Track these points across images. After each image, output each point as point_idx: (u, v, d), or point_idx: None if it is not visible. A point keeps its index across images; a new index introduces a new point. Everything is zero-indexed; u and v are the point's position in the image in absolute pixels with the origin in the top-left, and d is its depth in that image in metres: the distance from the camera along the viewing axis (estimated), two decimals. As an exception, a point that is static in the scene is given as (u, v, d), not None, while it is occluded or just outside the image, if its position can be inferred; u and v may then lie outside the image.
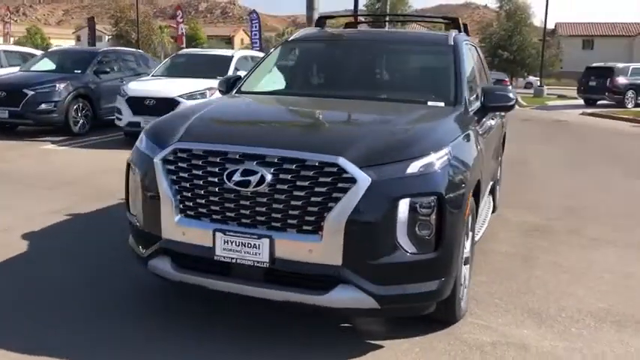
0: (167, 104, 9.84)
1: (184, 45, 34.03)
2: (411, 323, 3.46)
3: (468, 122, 3.80)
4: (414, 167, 2.98)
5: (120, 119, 10.36)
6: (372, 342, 3.34)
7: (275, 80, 4.77)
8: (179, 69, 11.43)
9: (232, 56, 11.55)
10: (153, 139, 3.44)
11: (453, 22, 5.18)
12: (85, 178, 7.73)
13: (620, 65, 24.98)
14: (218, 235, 3.04)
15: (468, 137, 3.56)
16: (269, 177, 2.94)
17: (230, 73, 11.02)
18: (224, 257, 3.05)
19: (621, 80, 23.74)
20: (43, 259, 4.57)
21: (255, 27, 29.85)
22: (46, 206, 6.04)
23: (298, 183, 2.92)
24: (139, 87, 10.49)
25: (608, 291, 4.25)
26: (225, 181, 3.01)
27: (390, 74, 4.74)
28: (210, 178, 3.06)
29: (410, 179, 2.96)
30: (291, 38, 5.06)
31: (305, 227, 2.94)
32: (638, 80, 23.98)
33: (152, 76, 11.56)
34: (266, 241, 2.96)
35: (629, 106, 23.26)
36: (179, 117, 3.71)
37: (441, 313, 3.36)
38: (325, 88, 4.44)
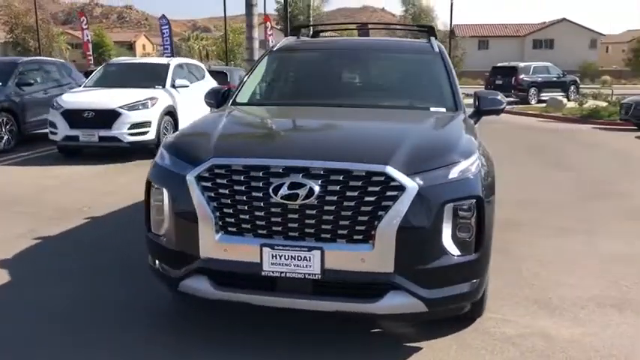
0: (108, 116, 9.52)
1: (91, 52, 32.55)
2: (436, 322, 3.57)
3: (473, 127, 3.98)
4: (454, 172, 3.10)
5: (55, 133, 9.78)
6: (409, 345, 3.43)
7: (269, 90, 4.75)
8: (113, 79, 10.93)
9: (169, 64, 11.21)
10: (180, 156, 3.33)
11: (428, 31, 5.38)
12: (31, 197, 7.28)
13: (522, 64, 26.64)
14: (265, 249, 3.01)
15: (480, 142, 3.73)
16: (317, 189, 2.95)
17: (168, 82, 10.80)
18: (272, 272, 3.02)
19: (525, 78, 25.35)
20: (38, 285, 4.29)
21: (166, 32, 29.17)
22: (7, 230, 5.65)
23: (347, 193, 2.95)
24: (74, 99, 9.96)
25: (593, 277, 4.58)
26: (272, 195, 2.98)
27: (388, 82, 4.85)
28: (254, 193, 3.02)
29: (452, 184, 3.08)
30: (277, 47, 5.04)
31: (356, 237, 2.97)
32: (539, 78, 25.72)
33: (84, 87, 10.99)
34: (317, 252, 2.97)
35: (533, 102, 24.85)
36: (199, 132, 3.62)
37: (470, 311, 3.50)
38: (329, 97, 4.44)
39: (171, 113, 10.45)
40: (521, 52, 60.02)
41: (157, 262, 3.47)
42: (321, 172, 2.98)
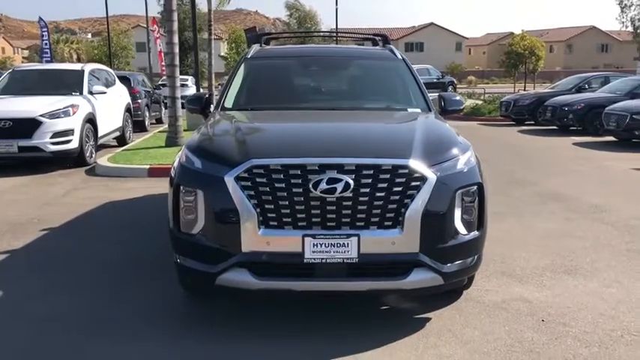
0: (27, 125, 9.15)
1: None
2: (432, 297, 4.05)
3: None
4: (460, 163, 3.63)
5: (-36, 145, 9.17)
6: (419, 316, 3.91)
7: (255, 96, 5.00)
8: (23, 86, 10.40)
9: (83, 70, 10.86)
10: (212, 159, 3.56)
11: (383, 39, 5.90)
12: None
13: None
14: (307, 239, 3.34)
15: None
16: (352, 183, 3.33)
17: (85, 88, 10.53)
18: (314, 259, 3.35)
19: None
20: (35, 299, 4.26)
21: (45, 36, 27.55)
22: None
23: (378, 185, 3.37)
24: (-15, 108, 9.39)
25: (539, 251, 5.34)
26: (312, 190, 3.31)
27: (364, 86, 5.27)
28: (294, 189, 3.34)
29: (460, 174, 3.60)
30: (252, 55, 5.30)
31: (387, 223, 3.39)
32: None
33: (-10, 95, 10.34)
34: (354, 239, 3.35)
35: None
36: (221, 136, 3.85)
37: (467, 283, 4.04)
38: (315, 101, 4.83)
39: (91, 121, 10.18)
40: (395, 55, 63.16)
41: (186, 259, 3.66)
42: (354, 168, 3.37)
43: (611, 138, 13.69)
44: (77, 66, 11.70)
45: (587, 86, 17.68)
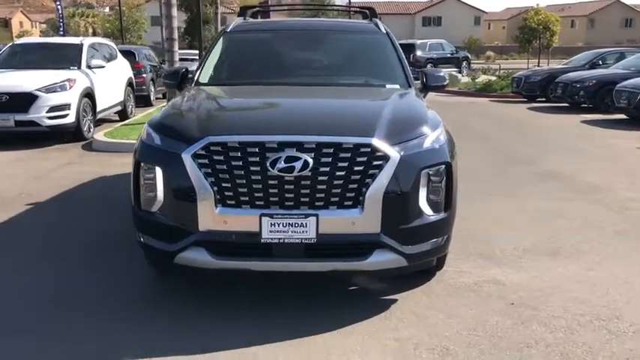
0: (24, 99, 9.14)
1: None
2: (404, 277, 3.96)
3: (424, 101, 4.41)
4: (427, 142, 3.51)
5: (-40, 120, 9.20)
6: (385, 298, 3.83)
7: (230, 71, 4.90)
8: (21, 60, 10.39)
9: (82, 44, 10.81)
10: (171, 136, 3.48)
11: (370, 12, 5.74)
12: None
13: (419, 42, 28.00)
14: (264, 219, 3.26)
15: None
16: (311, 161, 3.23)
17: (83, 62, 10.48)
18: (271, 239, 3.28)
19: (421, 55, 26.63)
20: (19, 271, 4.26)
21: (60, 9, 27.55)
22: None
23: (338, 164, 3.26)
24: (-18, 82, 9.39)
25: (524, 231, 5.22)
26: (269, 168, 3.22)
27: (343, 61, 5.13)
28: (252, 168, 3.25)
29: (426, 153, 3.47)
30: (231, 29, 5.18)
31: (346, 203, 3.29)
32: (434, 54, 27.19)
33: (-12, 69, 10.35)
34: (313, 219, 3.26)
35: (430, 77, 26.26)
36: (184, 112, 3.77)
37: (436, 265, 3.95)
38: (290, 76, 4.69)
39: (89, 95, 10.14)
40: (412, 29, 62.36)
41: (148, 238, 3.61)
42: (314, 146, 3.26)
43: (621, 116, 13.36)
44: (76, 40, 11.60)
45: (601, 62, 17.22)
